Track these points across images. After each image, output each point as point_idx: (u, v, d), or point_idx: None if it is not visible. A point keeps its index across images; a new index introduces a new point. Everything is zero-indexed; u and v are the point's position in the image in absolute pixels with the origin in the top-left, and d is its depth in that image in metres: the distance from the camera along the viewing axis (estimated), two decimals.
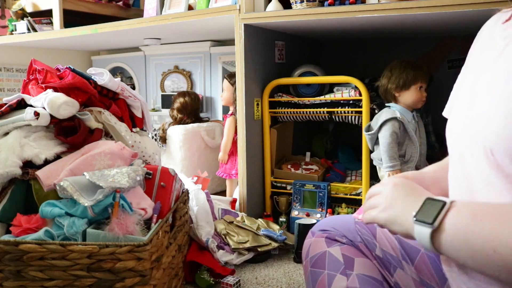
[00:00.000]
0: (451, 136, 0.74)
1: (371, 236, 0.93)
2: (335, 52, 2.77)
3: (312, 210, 1.96)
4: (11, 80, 3.20)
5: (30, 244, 0.99)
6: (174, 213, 1.31)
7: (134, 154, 1.35)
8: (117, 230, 1.04)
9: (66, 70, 1.44)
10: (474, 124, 0.65)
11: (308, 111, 2.03)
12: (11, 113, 1.36)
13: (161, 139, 2.64)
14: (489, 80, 0.67)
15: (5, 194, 1.24)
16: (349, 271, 0.87)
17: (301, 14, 1.74)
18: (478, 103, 0.67)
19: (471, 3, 1.43)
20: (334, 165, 2.20)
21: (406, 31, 2.15)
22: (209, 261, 1.49)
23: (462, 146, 0.69)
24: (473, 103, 0.68)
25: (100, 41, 2.99)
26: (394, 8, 1.55)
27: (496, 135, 0.60)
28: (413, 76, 1.72)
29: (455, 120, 0.74)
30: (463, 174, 0.69)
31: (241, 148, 1.94)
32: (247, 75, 1.90)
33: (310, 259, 0.94)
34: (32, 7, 2.86)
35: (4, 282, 1.01)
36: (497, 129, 0.60)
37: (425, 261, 0.86)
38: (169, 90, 3.22)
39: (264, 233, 1.73)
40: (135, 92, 1.60)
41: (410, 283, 0.87)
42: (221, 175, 2.37)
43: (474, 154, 0.65)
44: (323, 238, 0.96)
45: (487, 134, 0.62)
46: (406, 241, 0.91)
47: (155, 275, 1.06)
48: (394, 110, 1.74)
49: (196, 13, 2.01)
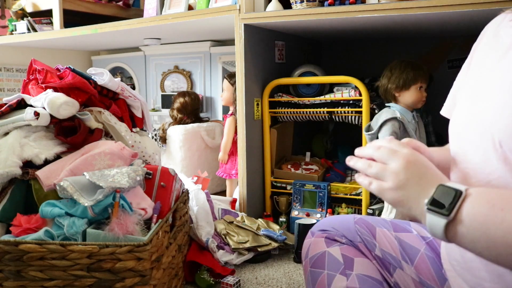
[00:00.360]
0: (455, 134, 0.74)
1: (371, 236, 0.93)
2: (335, 52, 2.77)
3: (312, 210, 1.96)
4: (11, 80, 3.20)
5: (30, 244, 0.99)
6: (174, 213, 1.31)
7: (134, 154, 1.35)
8: (117, 230, 1.04)
9: (66, 70, 1.44)
10: (481, 119, 0.66)
11: (308, 111, 2.03)
12: (11, 113, 1.36)
13: (161, 139, 2.64)
14: (496, 76, 0.67)
15: (5, 194, 1.24)
16: (348, 271, 0.87)
17: (301, 14, 1.74)
18: (485, 99, 0.67)
19: (471, 3, 1.43)
20: (334, 165, 2.20)
21: (406, 31, 2.15)
22: (209, 261, 1.49)
23: (465, 143, 0.69)
24: (479, 100, 0.69)
25: (100, 41, 2.99)
26: (394, 8, 1.55)
27: (505, 128, 0.61)
28: (413, 76, 1.72)
29: (458, 118, 0.73)
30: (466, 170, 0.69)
31: (241, 148, 1.94)
32: (247, 75, 1.90)
33: (310, 259, 0.94)
34: (32, 7, 2.86)
35: (4, 282, 1.01)
36: (506, 122, 0.61)
37: (425, 261, 0.87)
38: (169, 90, 3.22)
39: (264, 233, 1.73)
40: (135, 92, 1.60)
41: (410, 283, 0.87)
42: (221, 175, 2.37)
43: (480, 149, 0.65)
44: (323, 238, 0.96)
45: (496, 128, 0.62)
46: (405, 241, 0.91)
47: (155, 275, 1.06)
48: (394, 110, 1.74)
49: (196, 13, 2.01)
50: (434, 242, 0.89)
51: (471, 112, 0.69)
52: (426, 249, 0.88)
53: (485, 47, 0.76)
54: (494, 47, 0.72)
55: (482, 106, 0.67)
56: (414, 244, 0.89)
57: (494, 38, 0.73)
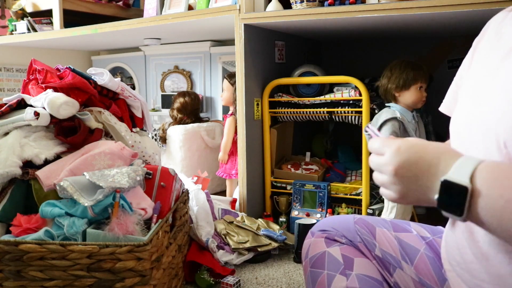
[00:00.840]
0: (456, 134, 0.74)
1: (371, 236, 0.93)
2: (335, 52, 2.77)
3: (312, 210, 1.96)
4: (11, 80, 3.20)
5: (30, 244, 0.99)
6: (174, 213, 1.31)
7: (134, 154, 1.35)
8: (117, 230, 1.04)
9: (66, 70, 1.44)
10: (484, 119, 0.65)
11: (308, 111, 2.03)
12: (11, 113, 1.36)
13: (161, 139, 2.64)
14: (499, 76, 0.67)
15: (5, 194, 1.24)
16: (348, 271, 0.87)
17: (301, 14, 1.74)
18: (488, 99, 0.67)
19: (471, 3, 1.43)
20: (334, 165, 2.20)
21: (406, 31, 2.15)
22: (209, 261, 1.49)
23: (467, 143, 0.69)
24: (482, 100, 0.68)
25: (100, 41, 2.99)
26: (394, 8, 1.55)
27: (510, 128, 0.60)
28: (413, 76, 1.72)
29: (460, 118, 0.73)
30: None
31: (241, 148, 1.94)
32: (247, 75, 1.91)
33: (310, 259, 0.94)
34: (32, 7, 2.86)
35: (4, 282, 1.01)
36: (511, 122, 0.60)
37: (425, 261, 0.87)
38: (169, 90, 3.22)
39: (264, 233, 1.73)
40: (135, 92, 1.60)
41: (410, 283, 0.87)
42: (221, 175, 2.37)
43: (483, 149, 0.65)
44: (323, 238, 0.96)
45: (501, 128, 0.62)
46: (405, 241, 0.91)
47: (155, 275, 1.06)
48: (394, 110, 1.74)
49: (196, 13, 2.01)
50: (433, 242, 0.89)
51: (473, 112, 0.69)
52: (426, 249, 0.88)
53: (487, 45, 0.75)
54: (496, 46, 0.72)
55: (485, 106, 0.67)
56: (414, 244, 0.89)
57: (496, 36, 0.73)
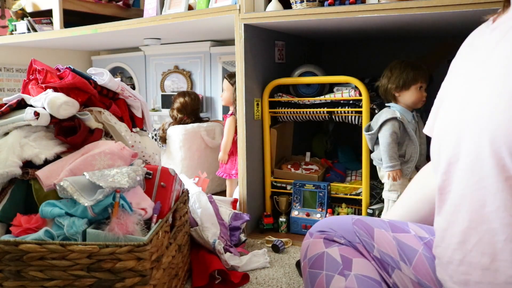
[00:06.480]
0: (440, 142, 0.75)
1: (369, 237, 0.93)
2: (335, 52, 2.77)
3: (312, 210, 1.96)
4: (11, 80, 3.20)
5: (30, 244, 1.00)
6: (174, 213, 1.31)
7: (134, 154, 1.35)
8: (117, 230, 1.04)
9: (66, 70, 1.44)
10: (475, 121, 0.66)
11: (308, 111, 2.03)
12: (11, 113, 1.36)
13: (161, 139, 2.64)
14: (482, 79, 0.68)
15: (5, 194, 1.24)
16: (347, 272, 0.87)
17: (301, 14, 1.74)
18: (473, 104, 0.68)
19: (471, 3, 1.43)
20: (334, 165, 2.20)
21: (406, 31, 2.15)
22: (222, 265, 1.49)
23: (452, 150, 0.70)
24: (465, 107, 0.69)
25: (100, 41, 2.99)
26: (394, 8, 1.55)
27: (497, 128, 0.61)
28: (413, 76, 1.72)
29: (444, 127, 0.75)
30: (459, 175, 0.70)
31: (241, 148, 1.94)
32: (247, 75, 1.90)
33: (309, 260, 0.94)
34: (32, 7, 2.86)
35: (4, 282, 1.01)
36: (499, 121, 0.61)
37: (423, 261, 0.87)
38: (169, 90, 3.22)
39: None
40: (135, 92, 1.60)
41: (408, 284, 0.87)
42: (221, 175, 2.37)
43: (472, 153, 0.66)
44: (321, 239, 0.96)
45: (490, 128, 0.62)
46: (403, 242, 0.91)
47: (155, 275, 1.06)
48: (394, 110, 1.74)
49: (196, 13, 2.01)
50: (432, 242, 0.89)
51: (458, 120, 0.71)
52: (424, 250, 0.88)
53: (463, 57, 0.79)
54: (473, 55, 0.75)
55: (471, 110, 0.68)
56: (412, 244, 0.89)
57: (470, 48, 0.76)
